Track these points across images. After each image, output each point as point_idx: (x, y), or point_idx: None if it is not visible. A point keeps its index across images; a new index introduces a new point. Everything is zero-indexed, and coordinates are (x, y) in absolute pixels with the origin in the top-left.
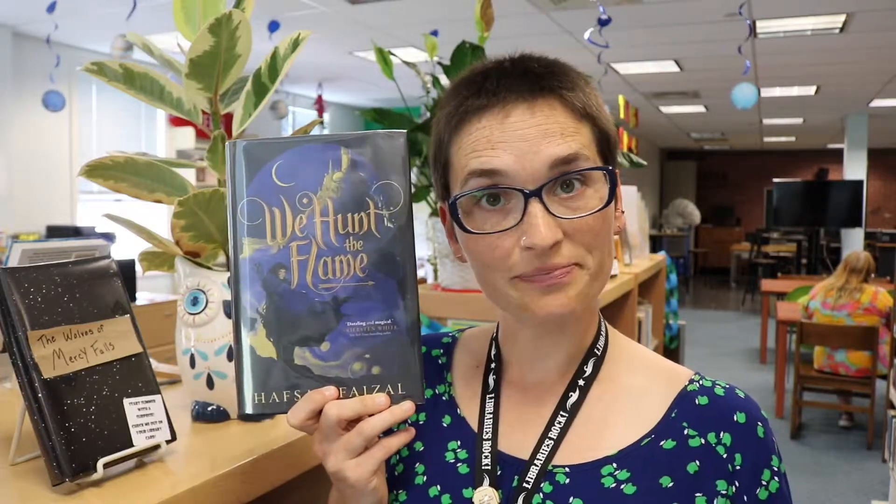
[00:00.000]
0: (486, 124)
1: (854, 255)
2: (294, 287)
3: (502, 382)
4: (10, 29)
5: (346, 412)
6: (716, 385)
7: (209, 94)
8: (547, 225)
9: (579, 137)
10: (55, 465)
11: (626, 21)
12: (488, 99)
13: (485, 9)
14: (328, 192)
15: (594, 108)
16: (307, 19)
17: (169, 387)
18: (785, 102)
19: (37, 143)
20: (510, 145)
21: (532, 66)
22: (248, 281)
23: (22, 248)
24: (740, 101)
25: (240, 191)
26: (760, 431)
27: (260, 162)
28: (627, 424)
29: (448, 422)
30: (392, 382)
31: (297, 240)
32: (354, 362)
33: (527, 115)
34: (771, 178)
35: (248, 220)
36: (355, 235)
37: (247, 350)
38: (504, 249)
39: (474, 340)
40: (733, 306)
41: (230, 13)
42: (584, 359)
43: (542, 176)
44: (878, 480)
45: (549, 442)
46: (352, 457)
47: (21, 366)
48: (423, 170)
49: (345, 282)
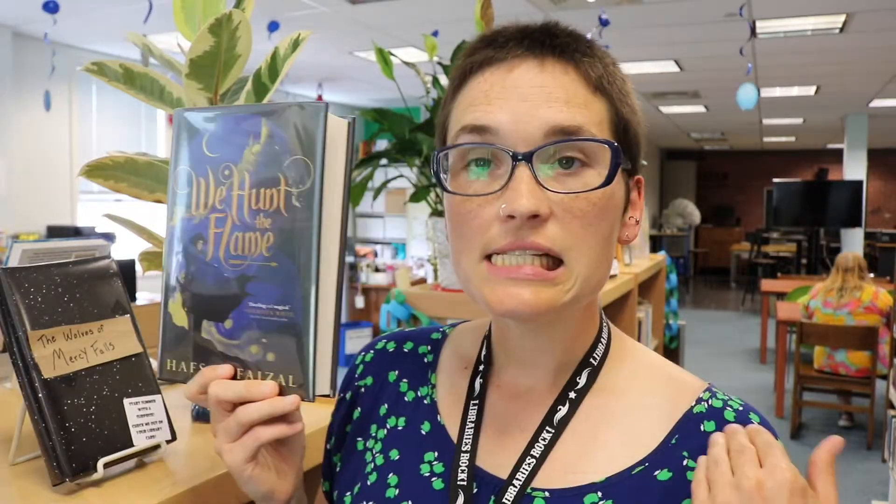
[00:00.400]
0: (488, 78)
1: (843, 257)
2: (208, 259)
3: (489, 387)
4: (10, 29)
5: (228, 394)
6: (727, 407)
7: (209, 94)
8: (531, 192)
9: (587, 112)
10: (55, 464)
11: (626, 21)
12: (495, 52)
13: (485, 9)
14: (247, 164)
15: (615, 85)
16: (307, 19)
17: (169, 387)
18: (785, 102)
19: (37, 143)
20: (507, 103)
21: (552, 28)
22: (173, 248)
23: (22, 248)
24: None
25: (175, 159)
26: None
27: (194, 131)
28: (620, 446)
29: (427, 429)
30: (284, 372)
31: (216, 212)
32: (252, 345)
33: (533, 72)
34: (771, 178)
35: (179, 189)
36: (265, 212)
37: (164, 316)
38: (482, 220)
39: (466, 337)
40: (733, 306)
41: (230, 13)
42: (578, 369)
43: (537, 141)
44: (878, 480)
45: (530, 460)
46: (228, 441)
47: (21, 366)
48: (423, 170)
49: (251, 260)
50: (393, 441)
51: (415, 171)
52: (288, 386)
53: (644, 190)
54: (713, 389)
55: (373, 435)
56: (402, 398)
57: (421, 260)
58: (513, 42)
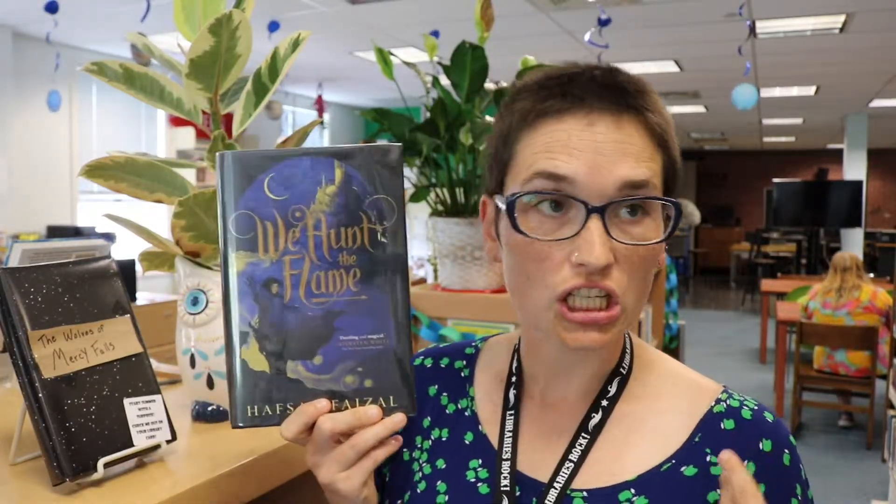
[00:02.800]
0: (566, 128)
1: (840, 257)
2: (287, 301)
3: (523, 398)
4: (10, 29)
5: (339, 425)
6: (743, 406)
7: (209, 94)
8: (603, 244)
9: (653, 165)
10: (55, 464)
11: (626, 21)
12: (573, 103)
13: (485, 9)
14: (321, 205)
15: (670, 136)
16: (307, 19)
17: (169, 387)
18: (785, 102)
19: (37, 143)
20: (586, 155)
21: (622, 81)
22: (240, 295)
23: (22, 248)
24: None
25: (230, 203)
26: (787, 459)
27: (251, 174)
28: (649, 447)
29: (470, 439)
30: (384, 395)
31: (289, 254)
32: (347, 375)
33: (611, 128)
34: (771, 178)
35: (239, 234)
36: (348, 250)
37: (239, 363)
38: (554, 261)
39: (497, 351)
40: (733, 306)
41: (230, 13)
42: (609, 378)
43: (610, 194)
44: (878, 480)
45: (569, 464)
46: (343, 469)
47: (21, 366)
48: (423, 170)
49: (338, 296)
50: (438, 451)
51: (415, 171)
52: (389, 407)
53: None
54: (729, 391)
55: (418, 446)
56: (444, 411)
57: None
58: (590, 95)
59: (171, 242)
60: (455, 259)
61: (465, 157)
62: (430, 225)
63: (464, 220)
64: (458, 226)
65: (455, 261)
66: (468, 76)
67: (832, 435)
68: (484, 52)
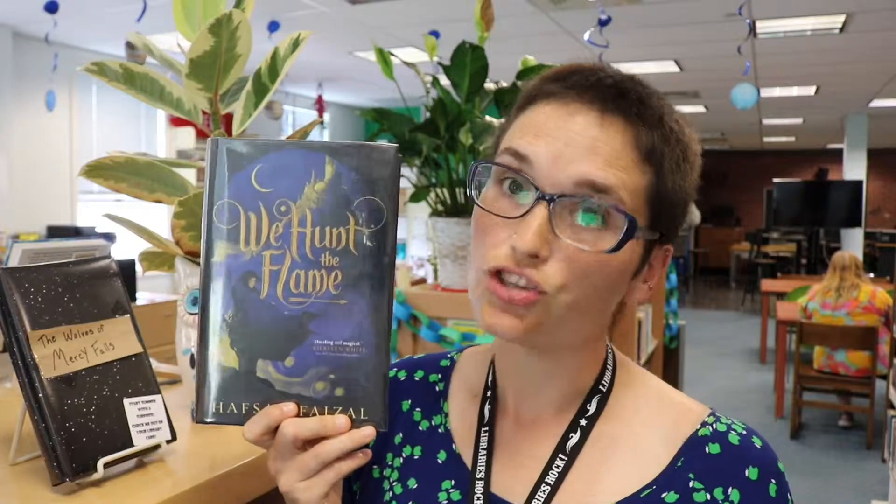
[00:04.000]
0: (547, 112)
1: (839, 256)
2: (263, 297)
3: (498, 414)
4: (10, 29)
5: (304, 432)
6: (731, 430)
7: (209, 94)
8: (539, 233)
9: (625, 177)
10: (55, 464)
11: (626, 21)
12: (563, 90)
13: (485, 9)
14: (308, 201)
15: (668, 158)
16: (307, 19)
17: (169, 387)
18: (785, 102)
19: (37, 143)
20: (555, 143)
21: (625, 84)
22: (217, 286)
23: (22, 248)
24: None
25: (218, 191)
26: (772, 490)
27: (240, 163)
28: (629, 470)
29: (443, 458)
30: (355, 406)
31: (271, 248)
32: (318, 381)
33: (591, 124)
34: (771, 178)
35: (223, 224)
36: (332, 251)
37: (210, 356)
38: (496, 238)
39: (473, 363)
40: (733, 306)
41: (230, 13)
42: (588, 396)
43: (565, 186)
44: (878, 480)
45: (545, 487)
46: (304, 478)
47: (21, 366)
48: (423, 170)
49: (316, 297)
50: (410, 470)
51: (415, 172)
52: (359, 419)
53: (670, 259)
54: (716, 414)
55: (389, 463)
56: (417, 427)
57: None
58: (582, 87)
59: (171, 242)
60: (455, 259)
61: (465, 157)
62: (430, 225)
63: (464, 220)
64: (458, 226)
65: (455, 261)
66: (468, 76)
67: (832, 435)
68: (484, 52)
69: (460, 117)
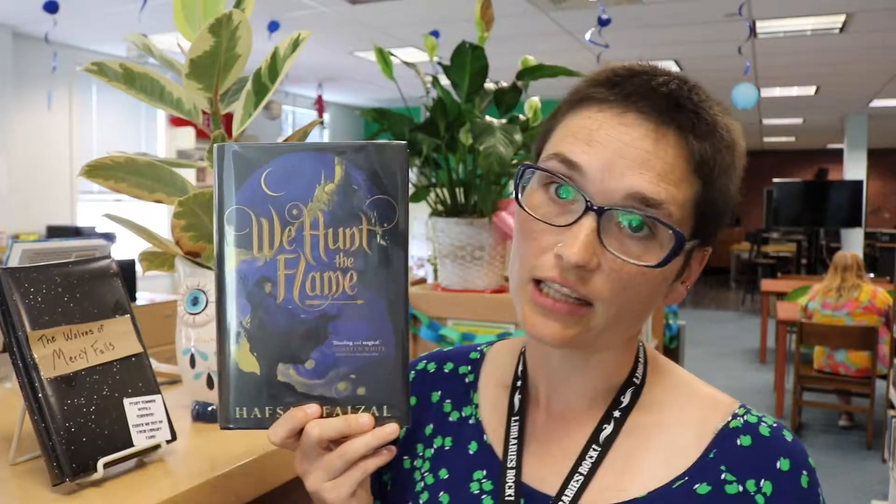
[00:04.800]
0: (600, 118)
1: (841, 255)
2: (280, 302)
3: (529, 404)
4: (10, 29)
5: (329, 432)
6: (761, 422)
7: (209, 94)
8: (587, 245)
9: (676, 191)
10: (55, 464)
11: (626, 21)
12: (617, 97)
13: (485, 9)
14: (319, 203)
15: (717, 169)
16: (307, 19)
17: (169, 387)
18: (785, 102)
19: (37, 143)
20: (606, 152)
21: (681, 95)
22: (233, 293)
23: (22, 248)
24: (740, 101)
25: (227, 198)
26: (804, 481)
27: (249, 168)
28: (661, 462)
29: (474, 449)
30: (377, 404)
31: (284, 253)
32: (339, 382)
33: (643, 135)
34: (771, 178)
35: (234, 230)
36: (346, 252)
37: (230, 363)
38: (541, 245)
39: (503, 356)
40: (733, 306)
41: (230, 13)
42: (622, 389)
43: (615, 199)
44: (878, 480)
45: (578, 477)
46: (330, 478)
47: (21, 366)
48: (423, 170)
49: (333, 299)
50: (441, 461)
51: (415, 172)
52: (382, 416)
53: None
54: (746, 406)
55: (420, 454)
56: (447, 418)
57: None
58: (638, 94)
59: (171, 242)
60: (455, 259)
61: (465, 157)
62: (430, 225)
63: (464, 220)
64: (458, 226)
65: (455, 261)
66: (468, 76)
67: (832, 435)
68: (484, 52)
69: (460, 117)
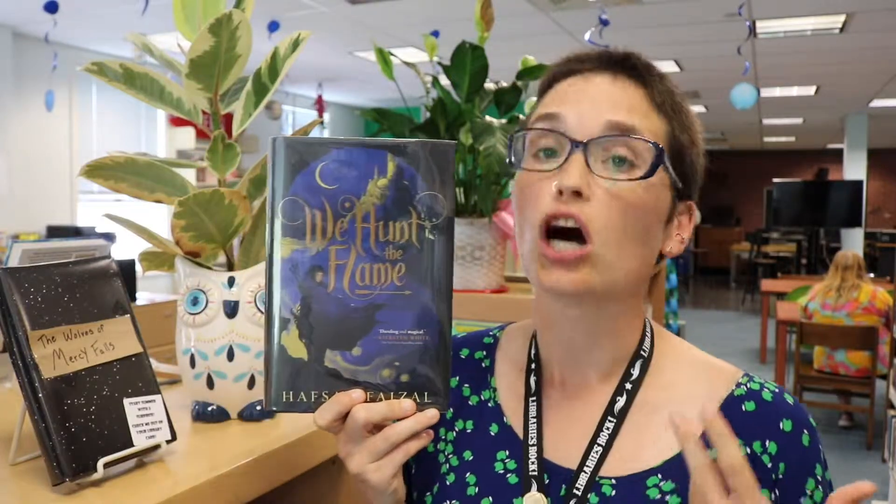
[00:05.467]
0: (566, 85)
1: (842, 255)
2: (331, 291)
3: (544, 384)
4: (10, 29)
5: (374, 416)
6: (764, 388)
7: (209, 94)
8: (580, 173)
9: (646, 121)
10: (55, 464)
11: (626, 21)
12: (577, 65)
13: (485, 9)
14: (372, 197)
15: (678, 113)
16: (307, 19)
17: (169, 387)
18: (785, 102)
19: (37, 143)
20: (579, 102)
21: (632, 56)
22: (284, 281)
23: (22, 248)
24: (740, 101)
25: (280, 188)
26: (806, 440)
27: (303, 161)
28: (672, 432)
29: (496, 430)
30: (419, 391)
31: (336, 244)
32: (384, 369)
33: (605, 83)
34: (771, 178)
35: (287, 220)
36: (395, 244)
37: (277, 349)
38: (539, 191)
39: (516, 339)
40: (733, 306)
41: (230, 13)
42: (631, 361)
43: (595, 133)
44: (878, 480)
45: (597, 448)
46: (374, 460)
47: (21, 366)
48: None
49: (381, 289)
50: (464, 443)
51: None
52: (423, 402)
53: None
54: (749, 374)
55: (442, 437)
56: (467, 402)
57: None
58: (594, 59)
59: (171, 242)
60: (455, 259)
61: (465, 157)
62: None
63: (464, 220)
64: (458, 226)
65: (455, 261)
66: (468, 76)
67: (832, 435)
68: (484, 52)
69: (460, 117)
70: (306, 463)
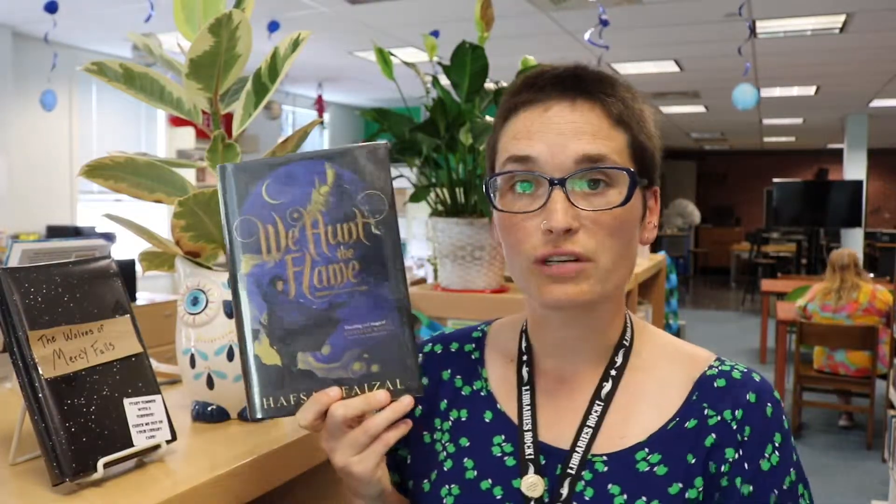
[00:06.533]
0: (528, 116)
1: (837, 254)
2: (292, 297)
3: (536, 373)
4: (10, 29)
5: (351, 411)
6: (734, 369)
7: (209, 94)
8: (564, 211)
9: (610, 143)
10: (55, 464)
11: (626, 21)
12: (534, 95)
13: (485, 9)
14: (317, 205)
15: (633, 118)
16: (307, 19)
17: (169, 387)
18: (785, 102)
19: (37, 143)
20: (545, 136)
21: (579, 73)
22: (248, 294)
23: (22, 248)
24: (740, 101)
25: (233, 211)
26: (769, 411)
27: (250, 182)
28: (654, 410)
29: (490, 417)
30: (391, 378)
31: (291, 253)
32: (354, 362)
33: (566, 112)
34: (771, 178)
35: (243, 238)
36: (346, 244)
37: (252, 359)
38: (526, 230)
39: (504, 333)
40: (733, 306)
41: (230, 13)
42: (615, 350)
43: (569, 168)
44: (878, 480)
45: (587, 430)
46: (357, 453)
47: (21, 366)
48: (423, 170)
49: (339, 288)
50: (459, 431)
51: (415, 172)
52: (396, 389)
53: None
54: (721, 358)
55: (438, 427)
56: (460, 393)
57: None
58: (549, 86)
59: (171, 242)
60: (455, 259)
61: (465, 157)
62: (430, 225)
63: (464, 220)
64: (458, 226)
65: (455, 261)
66: (468, 76)
67: (832, 435)
68: (484, 52)
69: (460, 117)
70: (306, 463)
